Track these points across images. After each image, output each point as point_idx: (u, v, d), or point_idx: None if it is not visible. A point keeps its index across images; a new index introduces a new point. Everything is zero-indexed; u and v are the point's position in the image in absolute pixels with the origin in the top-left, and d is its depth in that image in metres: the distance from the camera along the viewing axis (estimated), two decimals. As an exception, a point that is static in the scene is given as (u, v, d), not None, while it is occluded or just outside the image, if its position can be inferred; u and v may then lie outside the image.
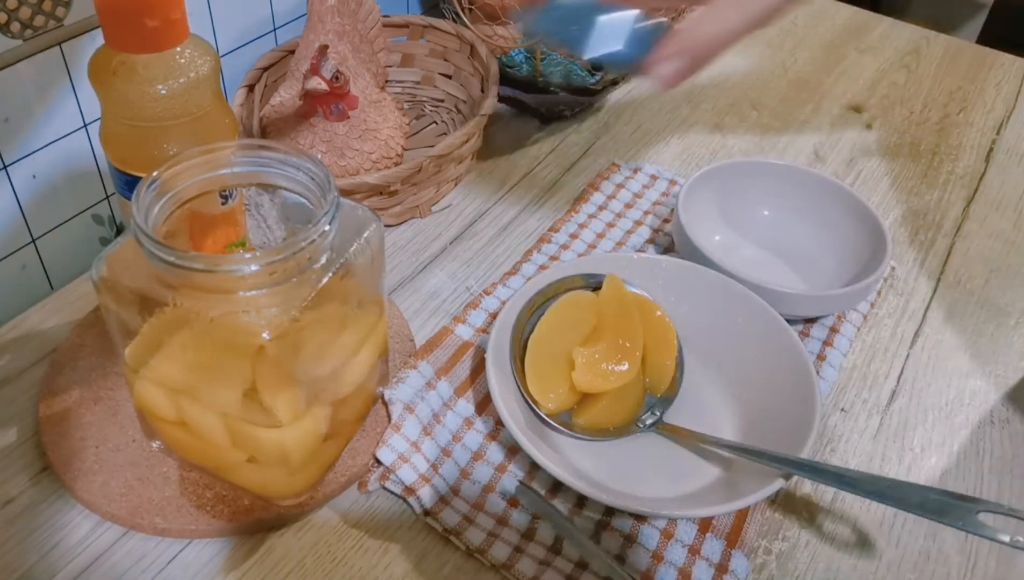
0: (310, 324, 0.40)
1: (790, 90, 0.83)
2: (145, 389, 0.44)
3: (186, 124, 0.44)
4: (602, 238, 0.65)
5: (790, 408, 0.49)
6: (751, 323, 0.53)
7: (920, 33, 0.93)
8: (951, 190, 0.72)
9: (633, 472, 0.49)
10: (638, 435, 0.50)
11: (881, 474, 0.48)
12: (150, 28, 0.41)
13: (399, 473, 0.47)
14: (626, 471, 0.49)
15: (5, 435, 0.49)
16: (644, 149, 0.75)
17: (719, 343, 0.54)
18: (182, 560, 0.44)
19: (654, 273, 0.56)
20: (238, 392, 0.41)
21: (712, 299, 0.55)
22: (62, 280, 0.61)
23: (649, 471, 0.49)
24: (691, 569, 0.45)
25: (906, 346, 0.59)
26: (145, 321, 0.41)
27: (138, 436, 0.48)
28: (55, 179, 0.59)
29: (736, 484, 0.47)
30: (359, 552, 0.45)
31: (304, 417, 0.42)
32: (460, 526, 0.46)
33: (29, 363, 0.53)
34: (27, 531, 0.45)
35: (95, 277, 0.40)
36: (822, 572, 0.46)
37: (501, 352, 0.51)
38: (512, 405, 0.48)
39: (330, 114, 0.62)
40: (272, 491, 0.45)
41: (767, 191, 0.64)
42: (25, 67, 0.54)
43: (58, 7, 0.54)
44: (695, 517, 0.46)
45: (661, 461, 0.50)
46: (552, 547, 0.45)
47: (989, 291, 0.63)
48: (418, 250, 0.64)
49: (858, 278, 0.57)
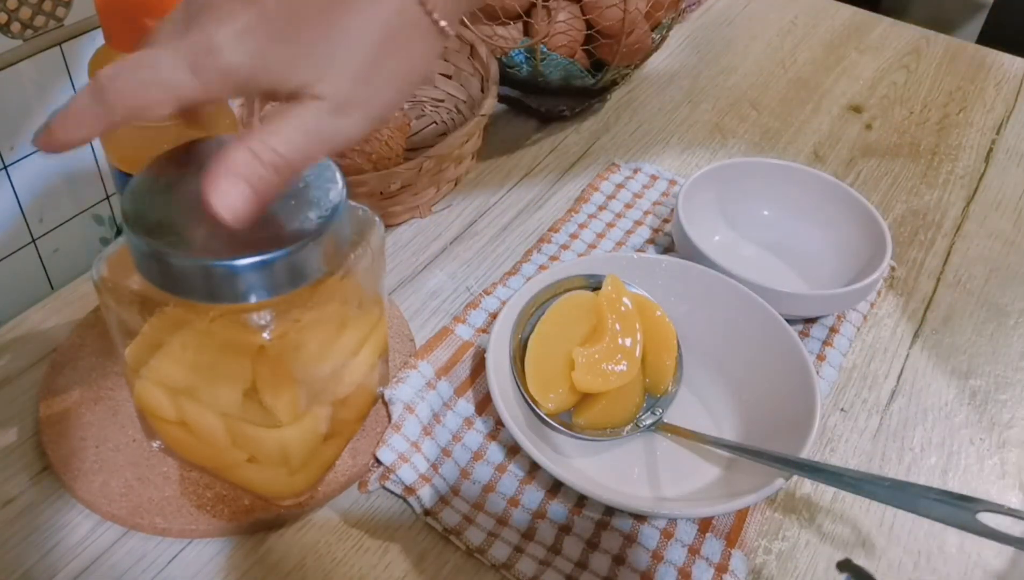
0: (310, 324, 0.40)
1: (790, 90, 0.83)
2: (145, 389, 0.44)
3: (186, 124, 0.44)
4: (602, 238, 0.65)
5: (790, 408, 0.49)
6: (751, 323, 0.53)
7: (920, 33, 0.93)
8: (951, 190, 0.72)
9: (633, 472, 0.49)
10: (638, 435, 0.51)
11: (881, 474, 0.48)
12: (150, 28, 0.41)
13: (399, 473, 0.47)
14: (626, 471, 0.49)
15: (5, 435, 0.49)
16: (644, 149, 0.75)
17: (719, 343, 0.54)
18: (182, 560, 0.44)
19: (654, 273, 0.56)
20: (238, 392, 0.41)
21: (712, 299, 0.55)
22: (62, 280, 0.61)
23: (649, 471, 0.49)
24: (691, 569, 0.45)
25: (906, 346, 0.59)
26: (145, 321, 0.41)
27: (138, 436, 0.48)
28: (55, 179, 0.59)
29: (736, 484, 0.47)
30: (359, 552, 0.45)
31: (304, 417, 0.42)
32: (460, 526, 0.46)
33: (29, 363, 0.53)
34: (27, 531, 0.45)
35: (95, 277, 0.40)
36: (822, 572, 0.46)
37: (501, 352, 0.51)
38: (512, 405, 0.48)
39: (330, 114, 0.62)
40: (272, 491, 0.45)
41: (767, 191, 0.64)
42: (25, 67, 0.54)
43: (58, 7, 0.54)
44: (695, 516, 0.46)
45: (661, 461, 0.50)
46: (552, 547, 0.45)
47: (989, 291, 0.63)
48: (418, 250, 0.64)
49: (858, 278, 0.57)
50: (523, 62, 0.75)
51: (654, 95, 0.81)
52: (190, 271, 0.36)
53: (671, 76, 0.84)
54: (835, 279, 0.60)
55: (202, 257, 0.35)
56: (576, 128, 0.77)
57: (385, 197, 0.62)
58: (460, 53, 0.76)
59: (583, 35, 0.75)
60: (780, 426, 0.48)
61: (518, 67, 0.76)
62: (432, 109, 0.77)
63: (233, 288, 0.36)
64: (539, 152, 0.74)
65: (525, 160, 0.73)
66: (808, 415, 0.47)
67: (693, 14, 0.94)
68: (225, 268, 0.36)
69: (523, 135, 0.76)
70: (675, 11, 0.77)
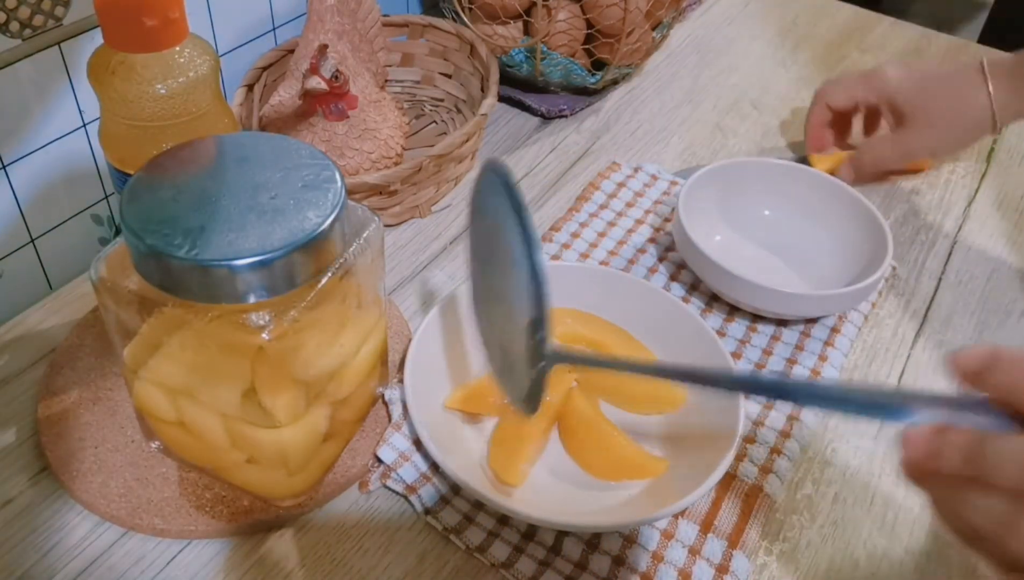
0: (309, 324, 0.40)
1: (791, 89, 0.83)
2: (144, 389, 0.43)
3: (185, 123, 0.44)
4: (603, 237, 0.64)
5: (715, 413, 0.49)
6: (680, 332, 0.53)
7: (921, 33, 0.93)
8: (952, 190, 0.72)
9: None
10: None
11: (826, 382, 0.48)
12: (149, 27, 0.41)
13: (400, 471, 0.47)
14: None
15: (4, 435, 0.49)
16: (644, 149, 0.75)
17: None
18: (181, 561, 0.44)
19: (580, 280, 0.56)
20: (237, 393, 0.41)
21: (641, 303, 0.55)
22: (61, 280, 0.61)
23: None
24: (691, 569, 0.45)
25: (907, 346, 0.59)
26: (144, 321, 0.40)
27: (137, 437, 0.48)
28: (54, 179, 0.59)
29: (670, 486, 0.46)
30: (359, 552, 0.45)
31: (303, 418, 0.42)
32: (460, 525, 0.46)
33: (28, 363, 0.53)
34: (26, 532, 0.45)
35: (94, 277, 0.40)
36: (823, 572, 0.46)
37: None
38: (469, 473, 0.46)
39: (330, 113, 0.62)
40: (271, 492, 0.45)
41: (768, 191, 0.64)
42: (24, 67, 0.54)
43: (57, 6, 0.54)
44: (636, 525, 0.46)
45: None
46: (552, 547, 0.45)
47: (990, 291, 0.63)
48: (418, 250, 0.64)
49: (859, 278, 0.57)
50: (523, 61, 0.75)
51: (654, 95, 0.81)
52: (189, 271, 0.36)
53: (671, 76, 0.84)
54: (836, 279, 0.60)
55: (201, 257, 0.35)
56: (576, 128, 0.77)
57: (385, 197, 0.62)
58: (460, 52, 0.76)
59: (583, 34, 0.75)
60: (705, 434, 0.48)
61: (518, 66, 0.76)
62: (432, 109, 0.77)
63: (232, 288, 0.36)
64: (539, 152, 0.74)
65: (525, 160, 0.73)
66: (732, 425, 0.47)
67: (693, 13, 0.94)
68: (224, 268, 0.36)
69: (523, 135, 0.75)
70: (675, 10, 0.77)
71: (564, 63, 0.74)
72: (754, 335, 0.58)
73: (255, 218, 0.37)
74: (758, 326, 0.58)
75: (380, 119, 0.65)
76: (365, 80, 0.66)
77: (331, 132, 0.62)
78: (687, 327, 0.53)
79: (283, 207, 0.38)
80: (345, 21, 0.66)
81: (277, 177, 0.39)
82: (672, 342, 0.53)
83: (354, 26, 0.68)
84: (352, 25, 0.67)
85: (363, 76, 0.66)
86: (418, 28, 0.76)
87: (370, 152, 0.64)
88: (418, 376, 0.49)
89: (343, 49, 0.66)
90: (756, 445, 0.50)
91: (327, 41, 0.64)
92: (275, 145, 0.41)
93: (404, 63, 0.78)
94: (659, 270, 0.62)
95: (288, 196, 0.38)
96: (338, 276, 0.40)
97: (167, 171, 0.40)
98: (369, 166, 0.64)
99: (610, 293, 0.55)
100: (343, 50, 0.66)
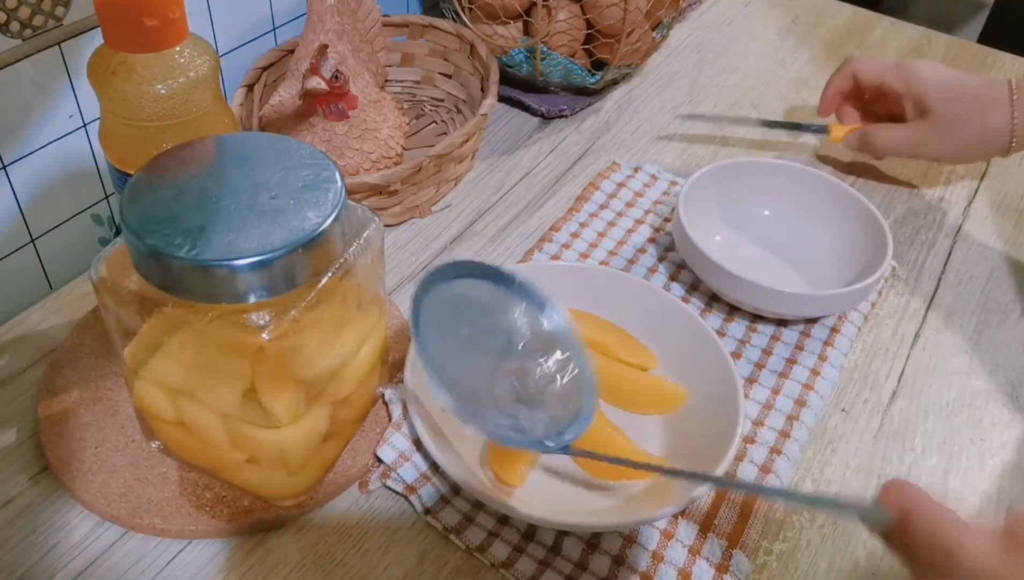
0: (309, 324, 0.40)
1: (791, 89, 0.83)
2: (144, 389, 0.43)
3: (185, 124, 0.44)
4: (603, 237, 0.64)
5: (715, 413, 0.49)
6: (680, 331, 0.53)
7: (921, 32, 0.93)
8: (952, 190, 0.72)
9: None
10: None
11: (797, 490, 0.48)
12: (149, 27, 0.41)
13: (400, 471, 0.47)
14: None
15: (4, 435, 0.49)
16: (644, 149, 0.75)
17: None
18: (181, 560, 0.44)
19: (579, 280, 0.56)
20: (237, 392, 0.41)
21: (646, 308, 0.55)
22: (61, 280, 0.61)
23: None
24: (691, 569, 0.45)
25: (907, 346, 0.59)
26: (144, 321, 0.40)
27: (137, 436, 0.48)
28: (54, 179, 0.59)
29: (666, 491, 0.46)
30: (359, 552, 0.45)
31: (303, 418, 0.42)
32: (460, 525, 0.46)
33: (28, 363, 0.53)
34: (26, 531, 0.45)
35: (94, 277, 0.40)
36: (823, 573, 0.46)
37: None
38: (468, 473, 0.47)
39: (330, 114, 0.62)
40: (272, 491, 0.45)
41: (767, 191, 0.64)
42: (24, 67, 0.54)
43: (57, 6, 0.54)
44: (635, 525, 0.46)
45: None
46: (552, 547, 0.45)
47: (990, 291, 0.63)
48: (418, 250, 0.64)
49: (859, 278, 0.57)
50: (523, 61, 0.75)
51: (654, 95, 0.81)
52: (189, 271, 0.36)
53: (671, 76, 0.84)
54: (836, 279, 0.60)
55: (201, 257, 0.35)
56: (576, 128, 0.77)
57: (385, 197, 0.62)
58: (460, 52, 0.76)
59: (583, 34, 0.75)
60: (705, 438, 0.48)
61: (518, 67, 0.76)
62: (432, 109, 0.77)
63: (232, 288, 0.36)
64: (539, 152, 0.74)
65: (525, 160, 0.73)
66: (732, 423, 0.47)
67: (693, 14, 0.94)
68: (224, 268, 0.36)
69: (523, 135, 0.75)
70: (675, 10, 0.77)
71: (564, 63, 0.74)
72: (754, 335, 0.58)
73: (255, 218, 0.37)
74: (758, 326, 0.58)
75: (380, 119, 0.65)
76: (365, 80, 0.66)
77: (331, 132, 0.62)
78: (687, 327, 0.53)
79: (283, 207, 0.38)
80: (345, 21, 0.66)
81: (277, 177, 0.39)
82: (672, 342, 0.53)
83: (354, 26, 0.68)
84: (352, 25, 0.67)
85: (363, 76, 0.67)
86: (418, 28, 0.76)
87: (370, 152, 0.64)
88: (418, 376, 0.49)
89: (343, 49, 0.66)
90: (756, 445, 0.50)
91: (327, 41, 0.64)
92: (275, 145, 0.42)
93: (404, 63, 0.78)
94: (659, 270, 0.62)
95: (288, 196, 0.38)
96: (338, 276, 0.40)
97: (167, 171, 0.40)
98: (369, 166, 0.64)
99: (610, 293, 0.55)
100: (343, 50, 0.66)
